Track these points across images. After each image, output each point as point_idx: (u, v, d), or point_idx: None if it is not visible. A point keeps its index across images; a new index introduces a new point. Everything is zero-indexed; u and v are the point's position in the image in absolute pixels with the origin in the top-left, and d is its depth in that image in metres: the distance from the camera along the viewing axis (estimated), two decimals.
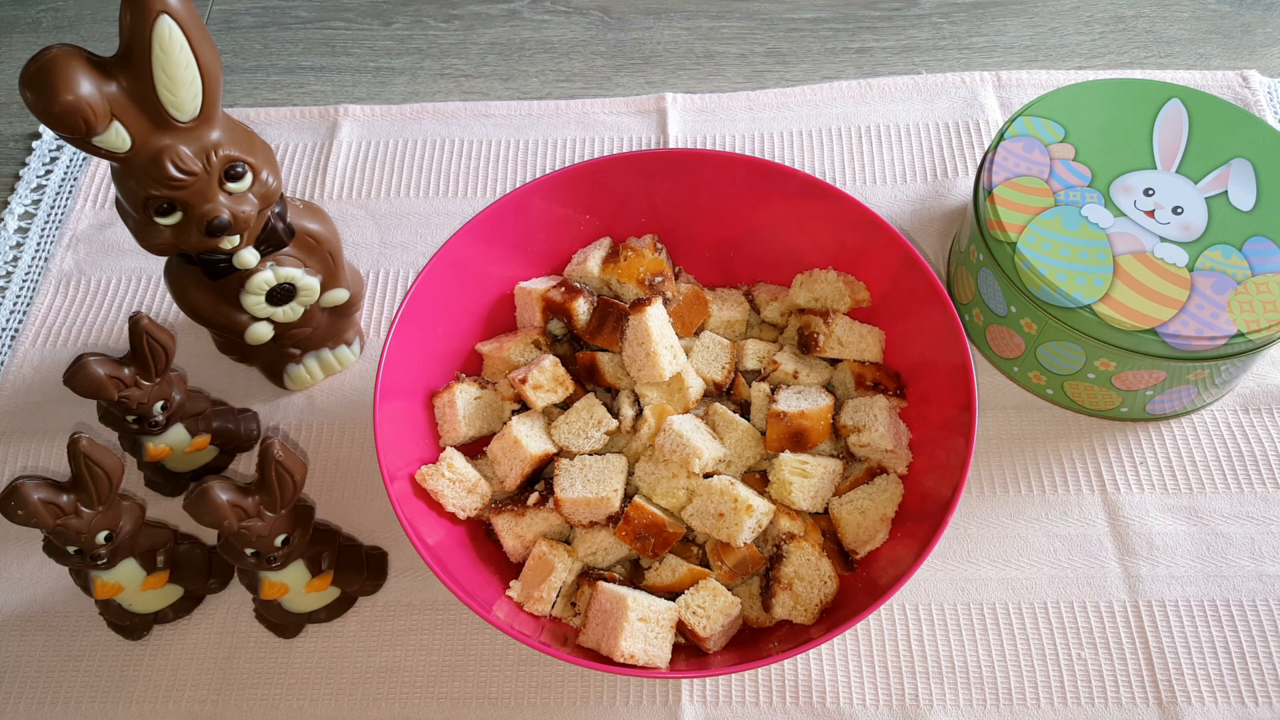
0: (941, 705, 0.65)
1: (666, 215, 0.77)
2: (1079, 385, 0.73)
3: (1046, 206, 0.71)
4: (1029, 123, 0.75)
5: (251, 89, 1.00)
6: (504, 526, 0.66)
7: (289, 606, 0.66)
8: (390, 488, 0.62)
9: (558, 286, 0.73)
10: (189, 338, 0.80)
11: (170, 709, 0.66)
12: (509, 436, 0.67)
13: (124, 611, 0.66)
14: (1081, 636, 0.67)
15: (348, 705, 0.66)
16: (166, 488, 0.74)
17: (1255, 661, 0.66)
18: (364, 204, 0.90)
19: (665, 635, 0.60)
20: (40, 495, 0.56)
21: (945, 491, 0.61)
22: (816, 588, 0.63)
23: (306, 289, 0.69)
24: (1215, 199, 0.71)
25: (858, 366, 0.71)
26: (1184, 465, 0.74)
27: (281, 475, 0.57)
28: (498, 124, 0.95)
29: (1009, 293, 0.71)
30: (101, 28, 1.06)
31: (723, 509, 0.62)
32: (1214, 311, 0.66)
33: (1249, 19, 1.02)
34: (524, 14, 1.06)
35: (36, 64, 0.53)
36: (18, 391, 0.80)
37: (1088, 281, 0.67)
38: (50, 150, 0.96)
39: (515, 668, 0.67)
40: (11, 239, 0.90)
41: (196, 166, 0.58)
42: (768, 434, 0.67)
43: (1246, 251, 0.69)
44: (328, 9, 1.07)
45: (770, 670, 0.66)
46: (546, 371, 0.69)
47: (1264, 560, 0.70)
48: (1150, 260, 0.69)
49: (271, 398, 0.79)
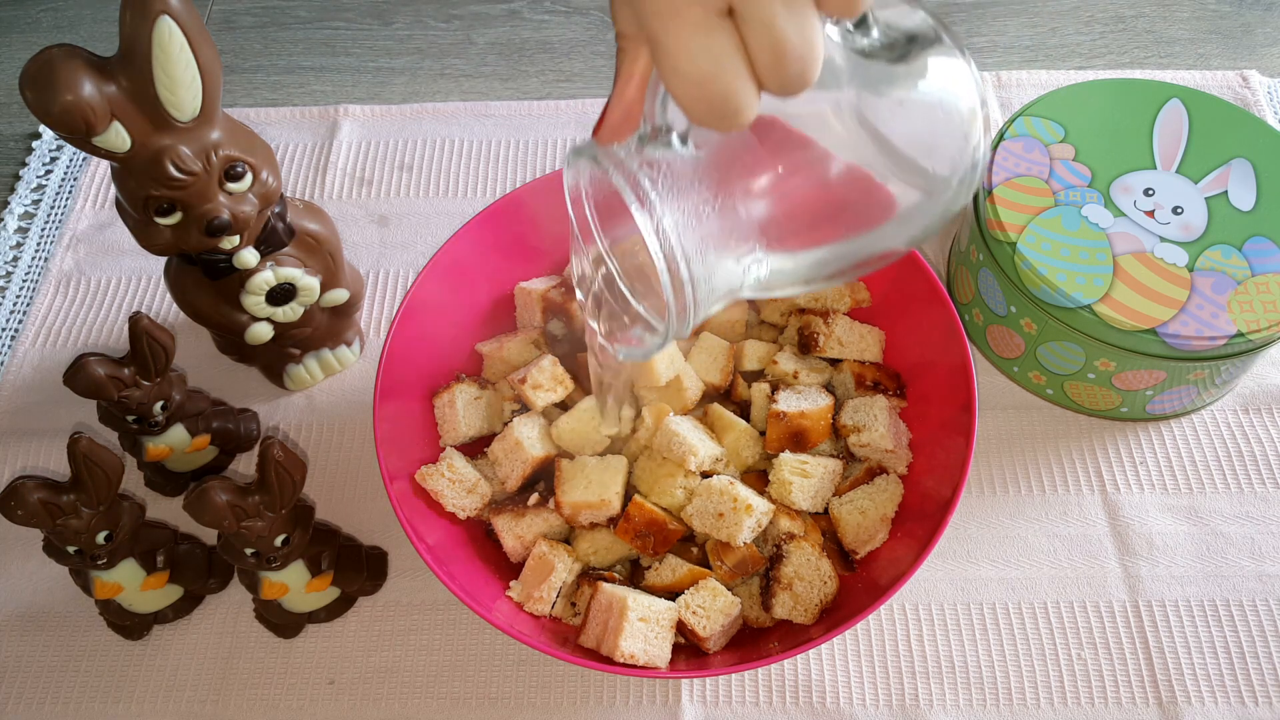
0: (941, 705, 0.65)
1: None
2: (1079, 385, 0.73)
3: (1046, 206, 0.71)
4: (1029, 123, 0.75)
5: (251, 89, 1.00)
6: (504, 526, 0.66)
7: (289, 606, 0.66)
8: (390, 488, 0.62)
9: (558, 286, 0.73)
10: (189, 338, 0.80)
11: (170, 709, 0.66)
12: (510, 438, 0.67)
13: (124, 611, 0.67)
14: (1081, 636, 0.67)
15: (348, 705, 0.66)
16: (166, 488, 0.74)
17: (1255, 661, 0.66)
18: (364, 204, 0.90)
19: (665, 635, 0.60)
20: (40, 495, 0.56)
21: (945, 491, 0.61)
22: (816, 588, 0.63)
23: (306, 289, 0.69)
24: (1215, 199, 0.71)
25: (858, 366, 0.71)
26: (1184, 465, 0.74)
27: (281, 475, 0.57)
28: (498, 124, 0.95)
29: (1009, 293, 0.71)
30: (101, 28, 1.06)
31: (722, 509, 0.62)
32: (1214, 311, 0.66)
33: (1249, 19, 1.02)
34: (524, 14, 1.06)
35: (36, 64, 0.53)
36: (18, 391, 0.80)
37: (1088, 281, 0.67)
38: (50, 150, 0.96)
39: (515, 668, 0.67)
40: (11, 239, 0.90)
41: (196, 166, 0.58)
42: (767, 434, 0.67)
43: (1246, 251, 0.69)
44: (328, 9, 1.07)
45: (770, 670, 0.66)
46: (546, 371, 0.69)
47: (1264, 560, 0.70)
48: (1150, 260, 0.69)
49: (271, 398, 0.79)
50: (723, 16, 0.34)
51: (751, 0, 0.33)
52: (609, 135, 0.41)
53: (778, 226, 0.41)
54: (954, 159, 0.40)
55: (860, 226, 0.42)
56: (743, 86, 0.35)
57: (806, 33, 0.34)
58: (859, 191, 0.41)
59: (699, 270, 0.40)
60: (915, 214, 0.41)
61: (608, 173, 0.40)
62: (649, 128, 0.41)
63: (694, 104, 0.36)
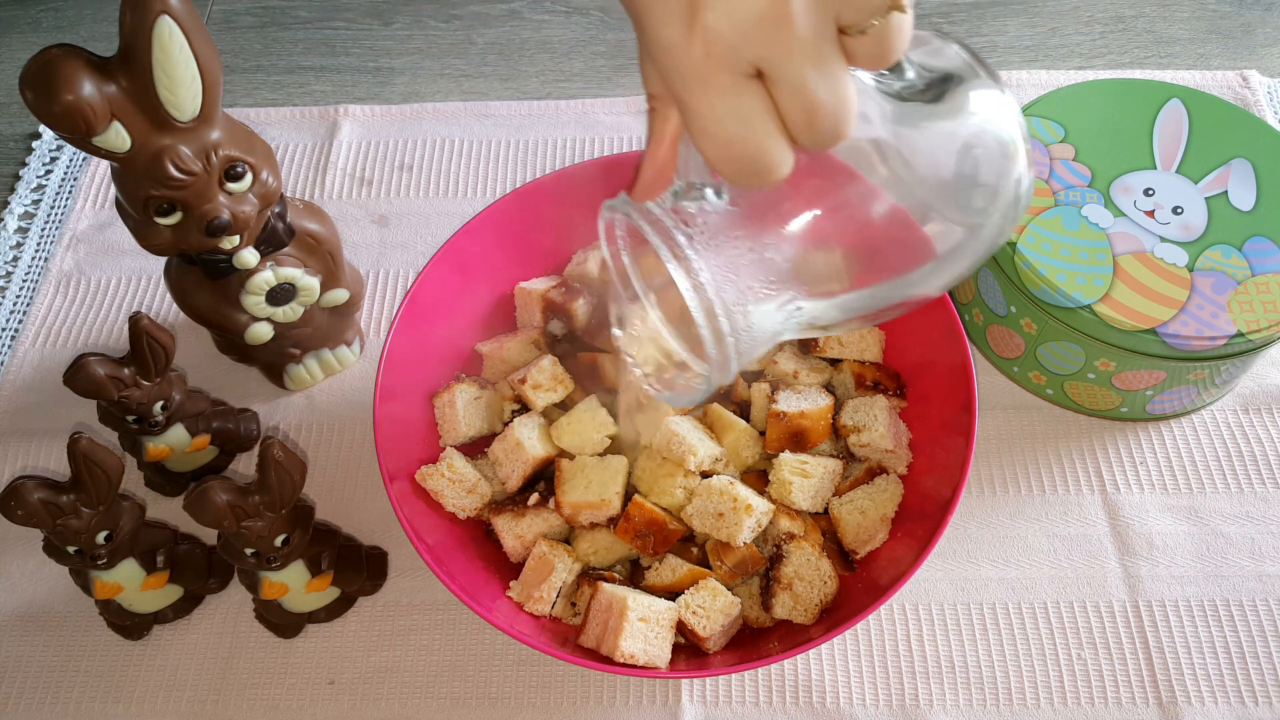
0: (941, 705, 0.65)
1: None
2: (1079, 385, 0.73)
3: (1046, 206, 0.71)
4: (1029, 123, 0.75)
5: (251, 89, 1.00)
6: (504, 526, 0.66)
7: (289, 606, 0.66)
8: (390, 488, 0.62)
9: (558, 286, 0.73)
10: (189, 338, 0.80)
11: (170, 709, 0.66)
12: (511, 439, 0.67)
13: (124, 611, 0.66)
14: (1081, 636, 0.67)
15: (348, 705, 0.66)
16: (166, 488, 0.74)
17: (1255, 661, 0.66)
18: (364, 204, 0.90)
19: (665, 635, 0.60)
20: (40, 495, 0.56)
21: (945, 491, 0.61)
22: (816, 588, 0.63)
23: (306, 289, 0.69)
24: (1215, 199, 0.71)
25: (858, 366, 0.71)
26: (1184, 465, 0.74)
27: (281, 475, 0.57)
28: (498, 124, 0.95)
29: (1009, 293, 0.71)
30: (101, 28, 1.06)
31: (722, 508, 0.62)
32: (1214, 311, 0.66)
33: (1249, 19, 1.02)
34: (524, 14, 1.06)
35: (36, 64, 0.53)
36: (18, 391, 0.80)
37: (1088, 281, 0.67)
38: (50, 150, 0.96)
39: (515, 668, 0.67)
40: (11, 239, 0.90)
41: (196, 166, 0.58)
42: (767, 434, 0.67)
43: (1246, 251, 0.69)
44: (328, 9, 1.07)
45: (770, 670, 0.66)
46: (545, 371, 0.69)
47: (1264, 560, 0.70)
48: (1150, 260, 0.69)
49: (271, 398, 0.79)
50: (750, 79, 0.34)
51: (779, 62, 0.33)
52: (643, 194, 0.41)
53: (816, 273, 0.41)
54: (995, 193, 0.40)
55: (901, 268, 0.42)
56: (773, 145, 0.35)
57: (838, 89, 0.34)
58: (899, 233, 0.41)
59: (740, 321, 0.40)
60: (958, 252, 0.41)
61: (643, 230, 0.40)
62: (683, 183, 0.41)
63: (724, 164, 0.36)
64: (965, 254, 0.41)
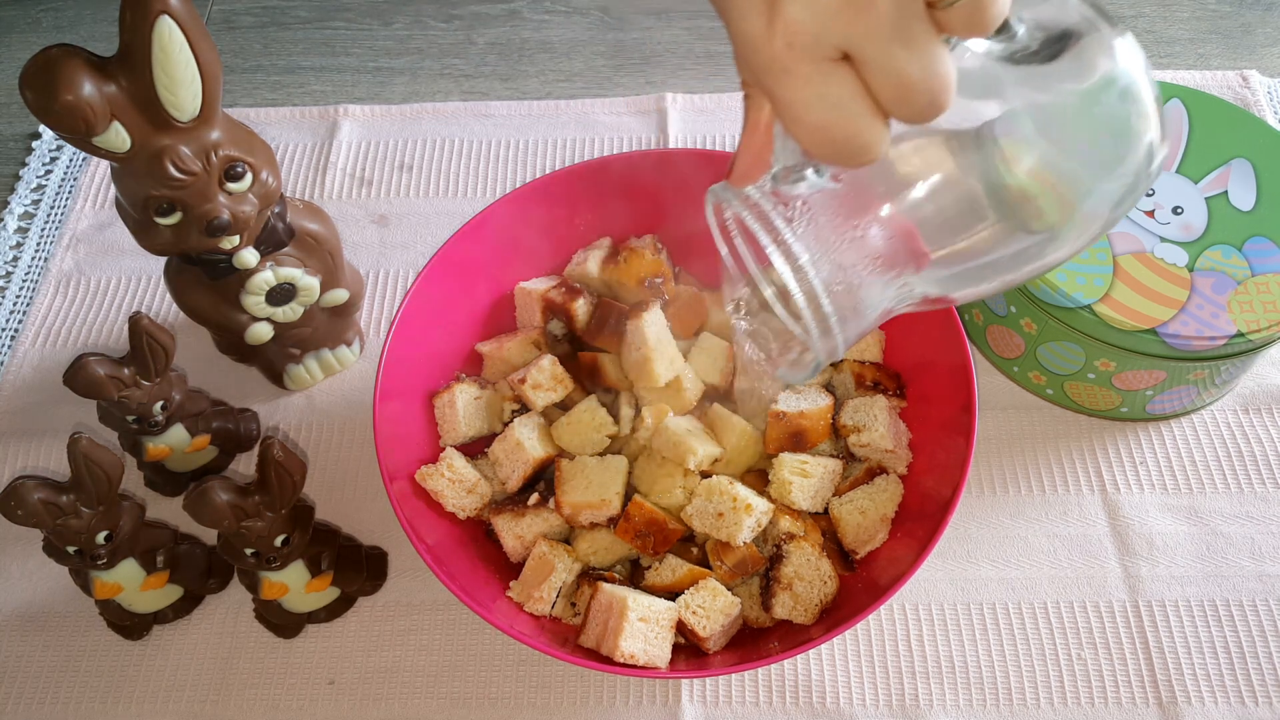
0: (941, 705, 0.65)
1: (666, 215, 0.77)
2: (1079, 385, 0.73)
3: None
4: None
5: (251, 89, 1.00)
6: (504, 526, 0.66)
7: (289, 606, 0.66)
8: (390, 488, 0.62)
9: (558, 286, 0.73)
10: (189, 338, 0.80)
11: (170, 709, 0.66)
12: (511, 439, 0.67)
13: (124, 611, 0.67)
14: (1081, 636, 0.67)
15: (348, 705, 0.66)
16: (166, 488, 0.74)
17: (1255, 661, 0.66)
18: (364, 204, 0.90)
19: (665, 635, 0.60)
20: (40, 495, 0.56)
21: (945, 491, 0.61)
22: (816, 588, 0.63)
23: (306, 289, 0.69)
24: (1215, 199, 0.71)
25: (858, 366, 0.71)
26: (1184, 465, 0.74)
27: (281, 475, 0.57)
28: (498, 124, 0.95)
29: (1009, 293, 0.71)
30: (101, 28, 1.06)
31: (722, 508, 0.62)
32: (1214, 311, 0.66)
33: (1249, 19, 1.02)
34: (524, 14, 1.06)
35: (36, 64, 0.53)
36: (18, 391, 0.80)
37: (1088, 281, 0.67)
38: (50, 150, 0.96)
39: (515, 668, 0.67)
40: (11, 239, 0.90)
41: (196, 166, 0.58)
42: (767, 434, 0.67)
43: (1246, 251, 0.69)
44: (328, 9, 1.07)
45: (770, 670, 0.66)
46: (545, 371, 0.69)
47: (1264, 560, 0.70)
48: (1150, 260, 0.69)
49: (271, 398, 0.79)
50: (836, 63, 0.34)
51: (864, 45, 0.33)
52: (741, 179, 0.41)
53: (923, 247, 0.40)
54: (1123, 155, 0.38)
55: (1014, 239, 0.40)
56: (867, 125, 0.35)
57: (929, 64, 0.33)
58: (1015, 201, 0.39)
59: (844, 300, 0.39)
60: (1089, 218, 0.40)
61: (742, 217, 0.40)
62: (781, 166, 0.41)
63: (819, 148, 0.36)
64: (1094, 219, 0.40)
